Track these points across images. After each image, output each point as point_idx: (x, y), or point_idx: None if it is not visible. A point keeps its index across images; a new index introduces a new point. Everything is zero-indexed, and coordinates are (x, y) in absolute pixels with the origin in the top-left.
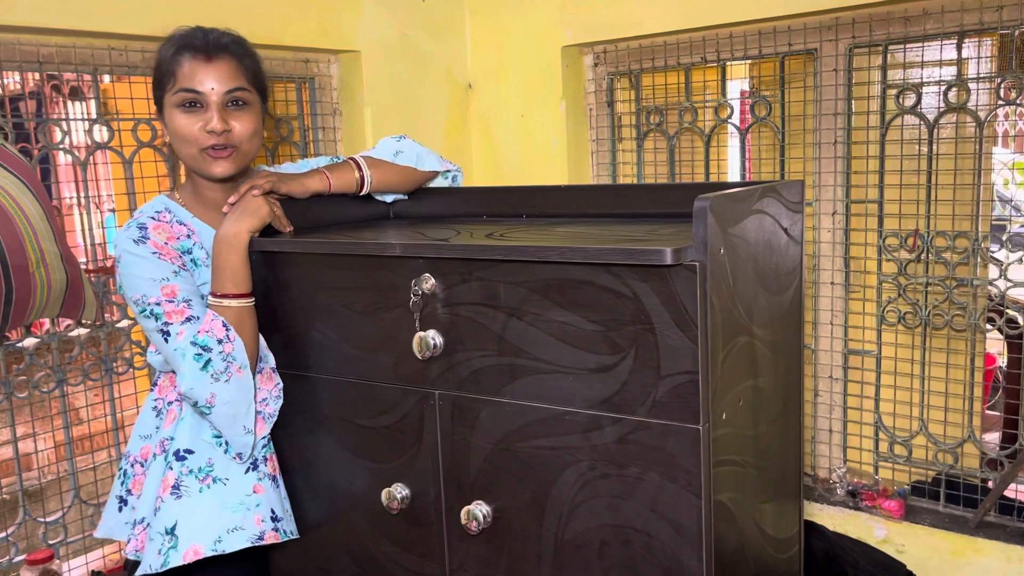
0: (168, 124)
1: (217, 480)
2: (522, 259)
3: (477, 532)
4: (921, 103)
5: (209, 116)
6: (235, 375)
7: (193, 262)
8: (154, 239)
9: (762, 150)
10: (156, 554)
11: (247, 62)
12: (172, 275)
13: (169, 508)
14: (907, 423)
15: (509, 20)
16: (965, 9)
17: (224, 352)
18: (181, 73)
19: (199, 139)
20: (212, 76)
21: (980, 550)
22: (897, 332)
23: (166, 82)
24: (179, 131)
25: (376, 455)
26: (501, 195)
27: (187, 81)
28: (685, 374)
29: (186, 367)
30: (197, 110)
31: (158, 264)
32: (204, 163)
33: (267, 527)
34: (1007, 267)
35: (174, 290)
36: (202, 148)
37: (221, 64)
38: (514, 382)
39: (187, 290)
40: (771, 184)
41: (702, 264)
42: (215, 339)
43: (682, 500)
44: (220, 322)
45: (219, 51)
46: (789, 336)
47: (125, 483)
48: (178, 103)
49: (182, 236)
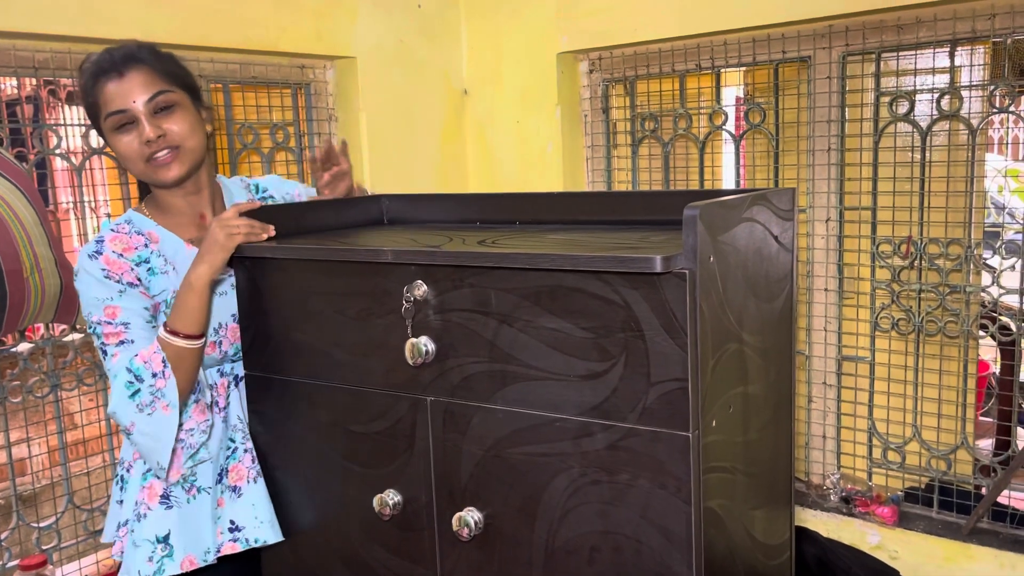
0: (113, 148)
1: (201, 490)
2: (513, 266)
3: (468, 539)
4: (914, 111)
5: (141, 128)
6: (159, 411)
7: (150, 271)
8: (107, 253)
9: (756, 157)
10: (147, 561)
11: (160, 65)
12: (117, 295)
13: (160, 517)
14: (900, 429)
15: (505, 26)
16: (958, 17)
17: (155, 387)
18: (104, 98)
19: (140, 152)
20: (129, 90)
21: (973, 556)
22: (890, 339)
23: (97, 112)
24: (122, 152)
25: (368, 461)
26: (494, 202)
27: (111, 104)
28: (675, 381)
29: (115, 390)
30: (130, 127)
31: (103, 284)
32: (153, 172)
33: (224, 539)
34: (1000, 274)
35: (115, 312)
36: (146, 160)
37: (134, 76)
38: (505, 388)
39: (129, 311)
40: (761, 192)
41: (692, 272)
42: (150, 372)
43: (672, 507)
44: (160, 357)
45: (128, 64)
46: (780, 343)
47: (124, 487)
48: (112, 127)
49: (139, 246)
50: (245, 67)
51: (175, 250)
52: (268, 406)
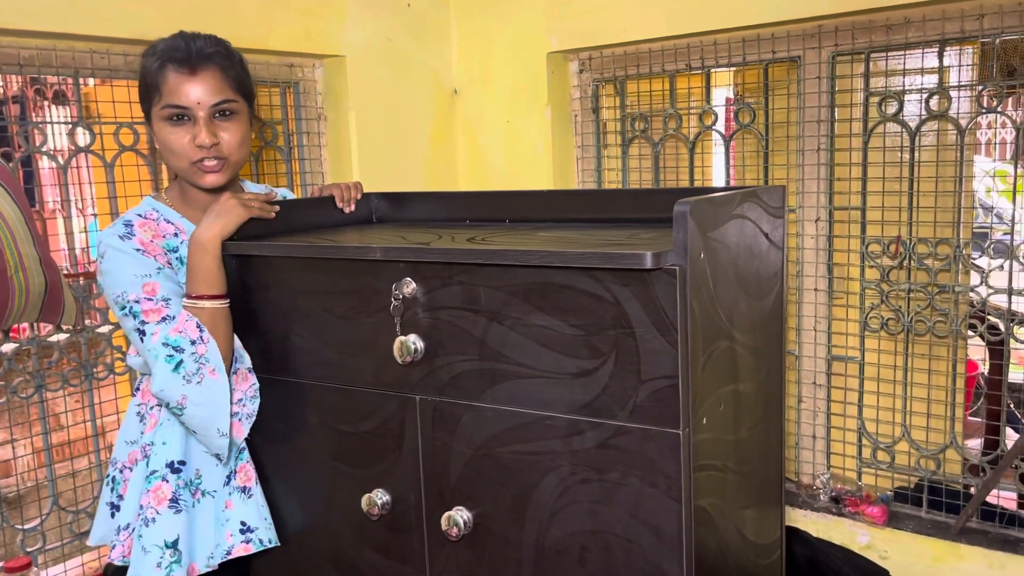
0: (157, 135)
1: (206, 494)
2: (503, 263)
3: (458, 538)
4: (903, 111)
5: (197, 130)
6: (207, 377)
7: (180, 260)
8: (140, 236)
9: (746, 156)
10: (155, 567)
11: (232, 72)
12: (155, 272)
13: (168, 521)
14: (890, 429)
15: (495, 26)
16: (946, 18)
17: (197, 353)
18: (167, 87)
19: (188, 152)
20: (198, 90)
21: (963, 556)
22: (880, 338)
23: (152, 95)
24: (168, 144)
25: (357, 461)
26: (484, 200)
27: (173, 96)
28: (665, 378)
29: (158, 368)
30: (185, 123)
31: (141, 261)
32: (195, 175)
33: (236, 540)
34: (988, 274)
35: (155, 288)
36: (192, 161)
37: (206, 76)
38: (495, 387)
39: (168, 288)
40: (752, 189)
41: (682, 268)
42: (188, 340)
43: (662, 505)
44: (194, 323)
45: (203, 62)
46: (770, 341)
47: (115, 489)
48: (165, 117)
49: (168, 235)
50: None
51: None
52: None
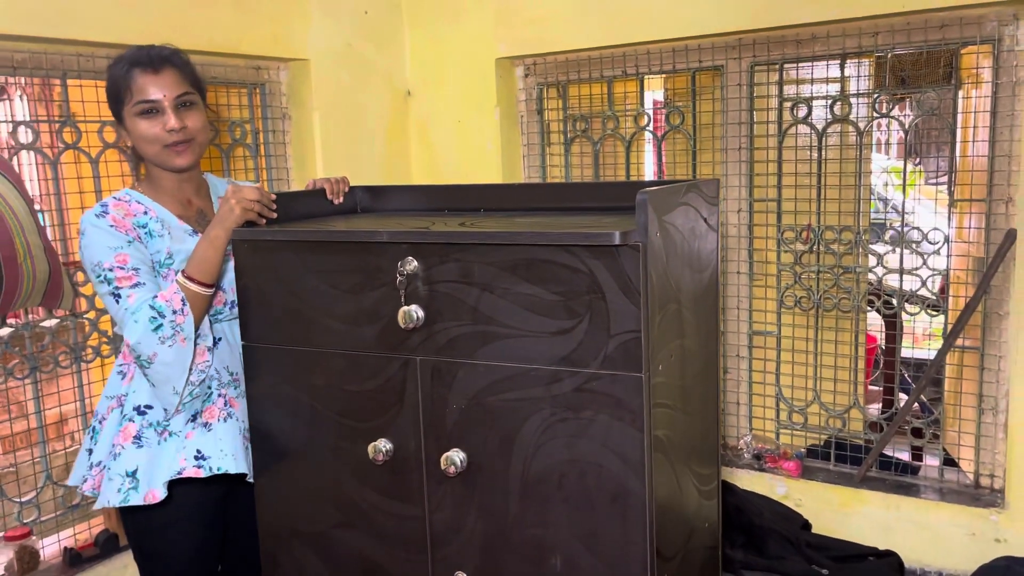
0: (131, 131)
1: (173, 434)
2: (495, 243)
3: (454, 475)
4: (812, 115)
5: (166, 119)
6: (178, 344)
7: (149, 234)
8: (113, 214)
9: (676, 154)
10: (115, 492)
11: (187, 69)
12: (126, 244)
13: (130, 455)
14: (803, 394)
15: (446, 33)
16: (847, 35)
17: (175, 322)
18: (136, 87)
19: (161, 138)
20: (162, 85)
21: (865, 500)
22: (794, 314)
23: (124, 97)
24: (143, 134)
25: (361, 416)
26: (461, 192)
27: (142, 94)
28: (630, 332)
29: (139, 325)
30: (155, 115)
31: (113, 234)
32: (168, 157)
33: (188, 464)
34: (884, 257)
35: (125, 258)
36: (165, 145)
37: (167, 74)
38: (486, 346)
39: (137, 259)
40: (694, 182)
41: (643, 245)
42: (171, 309)
43: (627, 435)
44: (180, 297)
45: (163, 63)
46: (708, 306)
47: (94, 438)
48: (138, 112)
49: (139, 213)
50: (206, 68)
51: (167, 220)
52: (266, 373)
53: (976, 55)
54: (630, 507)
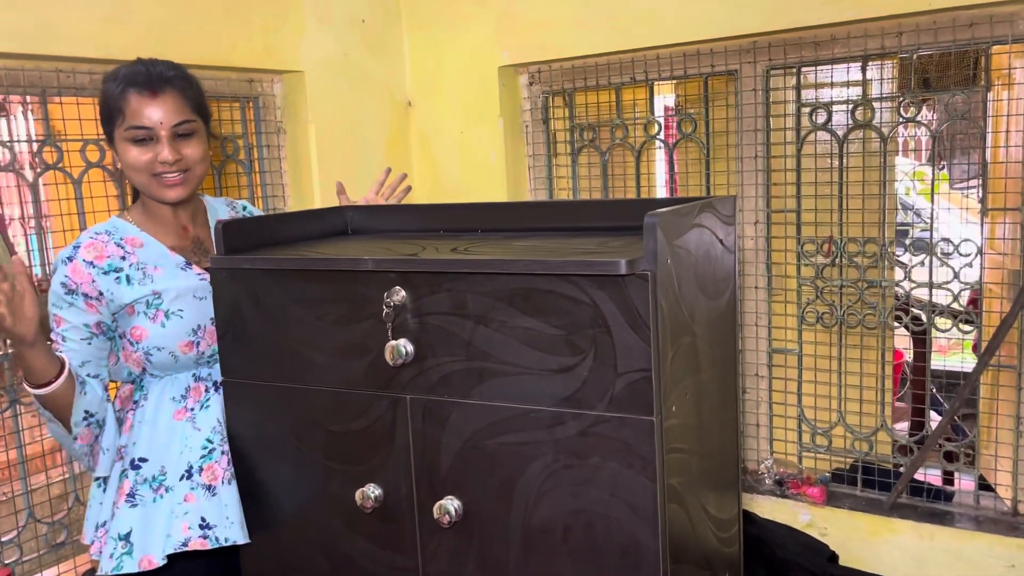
0: (120, 156)
1: (169, 489)
2: (489, 271)
3: (449, 525)
4: (831, 120)
5: (160, 148)
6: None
7: (126, 279)
8: (78, 260)
9: (689, 164)
10: (109, 558)
11: (190, 93)
12: (66, 306)
13: (124, 515)
14: (827, 415)
15: (447, 41)
16: (868, 35)
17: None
18: (129, 110)
19: (152, 168)
20: (159, 111)
21: (895, 529)
22: (816, 331)
23: (115, 117)
24: (132, 163)
25: (349, 458)
26: (456, 211)
27: (136, 118)
28: (639, 371)
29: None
30: (148, 143)
31: (60, 292)
32: (158, 190)
33: (193, 534)
34: (911, 269)
35: (59, 319)
36: (154, 174)
37: (167, 98)
38: (482, 384)
39: (69, 325)
40: (708, 200)
41: (652, 273)
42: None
43: (638, 484)
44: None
45: (163, 85)
46: (725, 336)
47: (105, 489)
48: (129, 138)
49: (115, 256)
50: None
51: (157, 255)
52: (247, 410)
53: (1008, 55)
54: (642, 562)
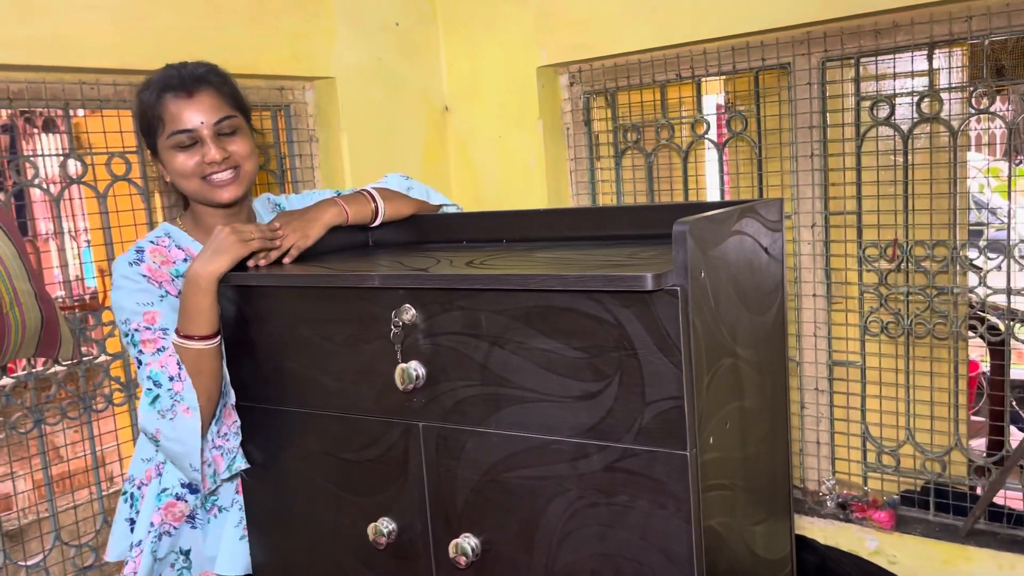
0: (167, 165)
1: (223, 509)
2: (503, 287)
3: (466, 566)
4: (895, 114)
5: (206, 149)
6: (180, 415)
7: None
8: (148, 262)
9: (740, 164)
10: (169, 567)
11: (226, 89)
12: (158, 300)
13: (186, 534)
14: (894, 433)
15: (483, 42)
16: (935, 20)
17: (173, 391)
18: (168, 116)
19: (202, 171)
20: (198, 111)
21: (971, 558)
22: (880, 342)
23: (156, 128)
24: (181, 169)
25: (361, 489)
26: (480, 220)
27: (176, 123)
28: (670, 399)
29: (142, 402)
30: (193, 147)
31: (145, 288)
32: (210, 192)
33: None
34: (986, 274)
35: (155, 316)
36: (203, 177)
37: (203, 97)
38: (499, 412)
39: (168, 318)
40: (749, 204)
41: (683, 288)
42: (167, 376)
43: (672, 527)
44: (175, 361)
45: (198, 84)
46: (773, 355)
47: (135, 505)
48: (174, 145)
49: (178, 260)
50: None
51: None
52: (257, 436)
53: None
54: None
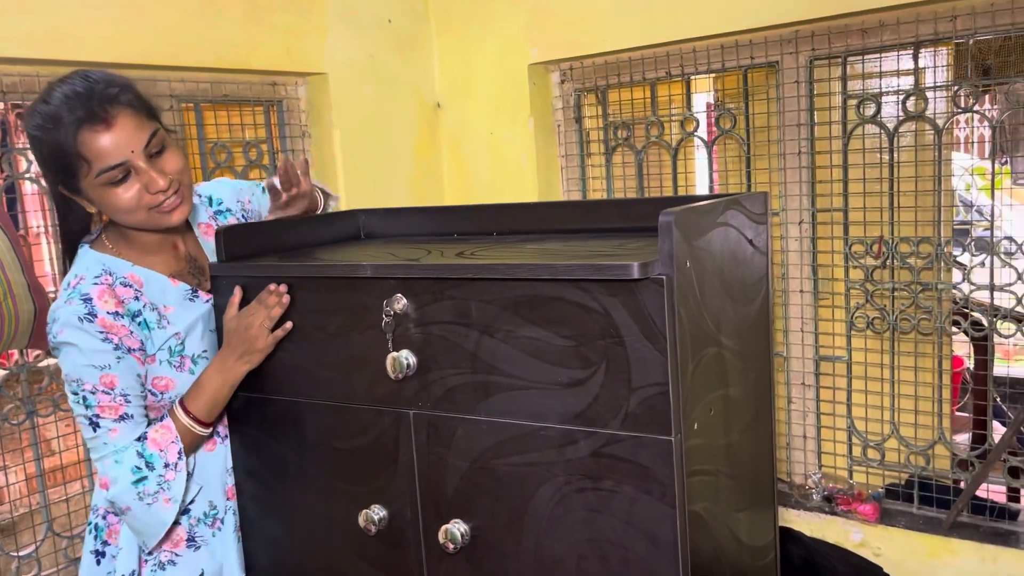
0: (99, 203)
1: (222, 521)
2: (493, 277)
3: (455, 552)
4: (881, 112)
5: (145, 178)
6: (160, 504)
7: (143, 325)
8: (102, 315)
9: (728, 162)
10: None
11: (139, 103)
12: (115, 362)
13: (191, 559)
14: (879, 427)
15: (475, 39)
16: (920, 20)
17: (164, 479)
18: (91, 153)
19: (146, 202)
20: (123, 140)
21: (955, 550)
22: (866, 337)
23: (77, 168)
24: (121, 205)
25: (352, 477)
26: (470, 213)
27: (103, 159)
28: (656, 386)
29: (121, 470)
30: (128, 179)
31: (100, 350)
32: (159, 219)
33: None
34: (970, 270)
35: (113, 381)
36: (151, 208)
37: (123, 121)
38: (488, 399)
39: (126, 382)
40: (734, 197)
41: (669, 277)
42: (163, 462)
43: (657, 512)
44: (177, 449)
45: (114, 108)
46: (758, 345)
47: (99, 536)
48: (106, 182)
49: (127, 299)
50: (216, 85)
51: (162, 291)
52: (250, 426)
53: None
54: None
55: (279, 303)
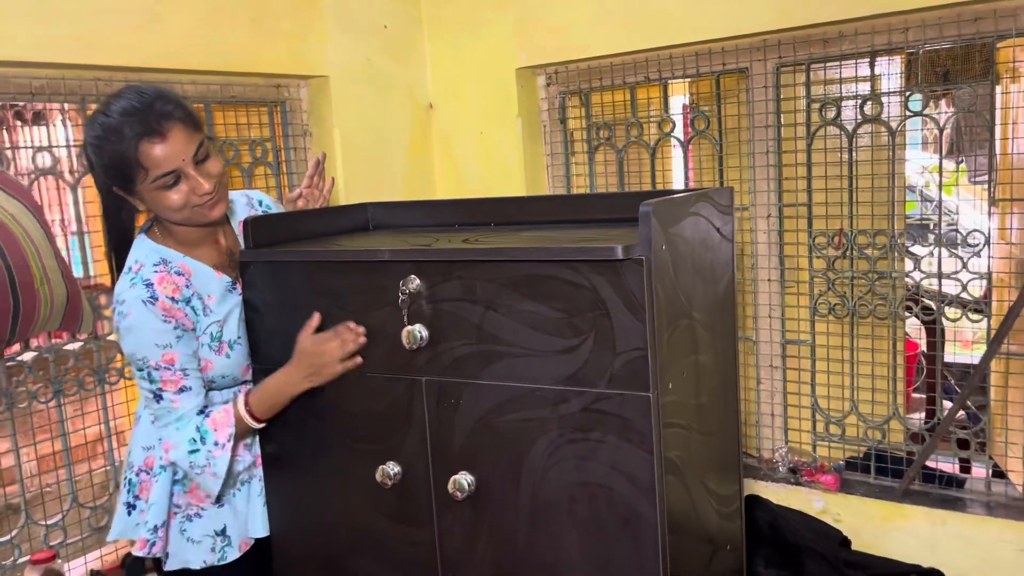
0: (152, 204)
1: (245, 483)
2: (497, 259)
3: (462, 499)
4: (841, 116)
5: (193, 183)
6: (207, 475)
7: (193, 310)
8: (163, 299)
9: (702, 160)
10: (210, 551)
11: (189, 118)
12: (175, 340)
13: (215, 515)
14: (840, 404)
15: (466, 44)
16: (876, 31)
17: (212, 454)
18: (149, 162)
19: (192, 202)
20: (176, 150)
21: (907, 515)
22: (828, 322)
23: (135, 175)
24: (172, 205)
25: (370, 437)
26: (470, 206)
27: (160, 166)
28: (636, 350)
29: (180, 437)
30: (177, 183)
31: (163, 329)
32: (200, 216)
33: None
34: (921, 260)
35: (173, 358)
36: (195, 206)
37: (176, 135)
38: (491, 366)
39: (185, 358)
40: (704, 191)
41: (647, 259)
42: (213, 439)
43: (637, 458)
44: (228, 433)
45: (168, 123)
46: (724, 320)
47: (132, 491)
48: (160, 186)
49: (181, 286)
50: (225, 87)
51: (207, 281)
52: None
53: (1012, 49)
54: (642, 532)
55: (355, 341)
